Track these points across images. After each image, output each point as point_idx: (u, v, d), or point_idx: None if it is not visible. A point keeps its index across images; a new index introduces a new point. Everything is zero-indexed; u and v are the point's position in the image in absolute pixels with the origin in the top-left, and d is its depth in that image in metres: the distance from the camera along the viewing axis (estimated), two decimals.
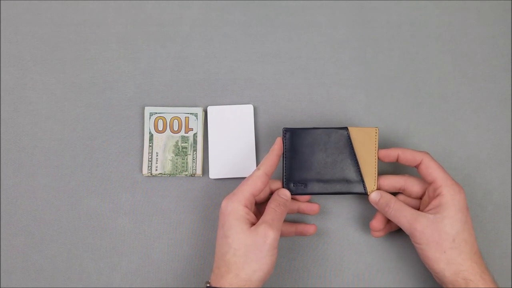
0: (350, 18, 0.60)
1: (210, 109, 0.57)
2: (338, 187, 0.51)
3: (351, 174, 0.51)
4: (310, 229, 0.53)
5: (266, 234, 0.45)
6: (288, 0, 0.60)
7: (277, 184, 0.52)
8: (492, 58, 0.59)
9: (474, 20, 0.60)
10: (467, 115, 0.58)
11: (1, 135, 0.57)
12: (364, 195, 0.51)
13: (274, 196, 0.50)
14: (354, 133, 0.51)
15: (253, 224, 0.47)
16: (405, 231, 0.48)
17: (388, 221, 0.52)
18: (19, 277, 0.54)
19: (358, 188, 0.51)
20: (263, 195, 0.52)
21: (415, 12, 0.60)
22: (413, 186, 0.50)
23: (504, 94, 0.58)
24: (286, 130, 0.51)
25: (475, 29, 0.60)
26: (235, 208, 0.47)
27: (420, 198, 0.51)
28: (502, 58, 0.59)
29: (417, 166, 0.50)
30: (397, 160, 0.50)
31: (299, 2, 0.60)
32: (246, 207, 0.47)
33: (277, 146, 0.50)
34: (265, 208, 0.52)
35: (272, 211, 0.48)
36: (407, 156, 0.50)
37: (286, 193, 0.51)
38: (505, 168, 0.57)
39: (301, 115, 0.58)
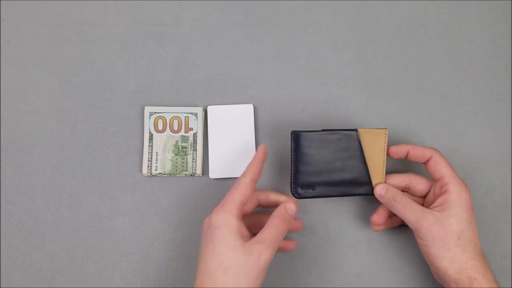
0: (350, 18, 0.60)
1: (210, 109, 0.57)
2: (346, 189, 0.50)
3: (360, 176, 0.50)
4: (289, 245, 0.52)
5: (260, 256, 0.42)
6: (288, 0, 0.60)
7: (265, 194, 0.50)
8: (492, 58, 0.59)
9: (474, 20, 0.60)
10: (467, 115, 0.58)
11: (1, 135, 0.57)
12: (372, 196, 0.51)
13: (281, 210, 0.46)
14: (363, 135, 0.50)
15: (245, 237, 0.44)
16: (410, 226, 0.48)
17: (389, 216, 0.52)
18: (19, 277, 0.54)
19: (366, 190, 0.50)
20: (250, 206, 0.49)
21: (415, 12, 0.60)
22: (418, 184, 0.50)
23: (504, 94, 0.58)
24: (294, 133, 0.50)
25: (475, 29, 0.60)
26: (227, 220, 0.43)
27: (424, 196, 0.51)
28: (502, 58, 0.59)
29: (425, 163, 0.50)
30: (406, 156, 0.50)
31: (299, 2, 0.60)
32: (238, 218, 0.44)
33: (262, 153, 0.47)
34: (250, 218, 0.50)
35: (274, 229, 0.44)
36: (417, 152, 0.50)
37: (293, 208, 0.46)
38: (505, 168, 0.57)
39: (301, 115, 0.58)
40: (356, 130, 0.50)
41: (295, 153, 0.50)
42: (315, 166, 0.50)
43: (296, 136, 0.50)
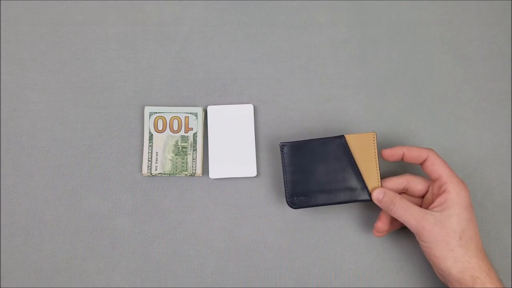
0: (350, 18, 0.60)
1: (210, 108, 0.57)
2: (342, 197, 0.50)
3: (353, 182, 0.50)
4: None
5: None
6: (288, 0, 0.60)
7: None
8: (492, 58, 0.59)
9: (474, 20, 0.60)
10: (467, 115, 0.58)
11: (1, 135, 0.57)
12: (370, 201, 0.50)
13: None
14: (351, 140, 0.50)
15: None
16: (411, 229, 0.48)
17: (392, 221, 0.52)
18: (19, 277, 0.54)
19: (363, 196, 0.50)
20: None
21: (415, 12, 0.60)
22: (416, 185, 0.50)
23: (504, 94, 0.58)
24: (283, 145, 0.51)
25: (475, 29, 0.60)
26: None
27: (422, 196, 0.51)
28: (502, 58, 0.59)
29: (421, 163, 0.50)
30: (402, 158, 0.50)
31: (299, 2, 0.60)
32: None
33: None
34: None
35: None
36: (413, 153, 0.49)
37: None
38: (505, 168, 0.57)
39: (301, 115, 0.58)
40: (342, 136, 0.50)
41: (285, 164, 0.51)
42: (308, 175, 0.50)
43: (284, 147, 0.51)
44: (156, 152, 0.56)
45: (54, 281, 0.54)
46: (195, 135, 0.56)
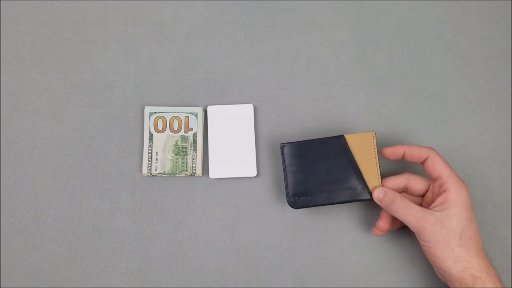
0: (350, 18, 0.60)
1: (210, 108, 0.57)
2: (343, 196, 0.50)
3: (354, 181, 0.50)
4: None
5: None
6: (288, 0, 0.60)
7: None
8: (492, 58, 0.59)
9: (474, 20, 0.60)
10: (467, 115, 0.58)
11: (1, 135, 0.57)
12: (370, 201, 0.50)
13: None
14: (351, 140, 0.50)
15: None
16: (411, 228, 0.48)
17: (392, 220, 0.52)
18: (19, 277, 0.54)
19: (363, 195, 0.50)
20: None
21: (415, 12, 0.60)
22: (416, 184, 0.50)
23: (504, 94, 0.58)
24: (284, 145, 0.51)
25: (475, 29, 0.60)
26: None
27: (423, 196, 0.51)
28: (502, 58, 0.59)
29: (422, 163, 0.50)
30: (402, 157, 0.50)
31: (299, 2, 0.60)
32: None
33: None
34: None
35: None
36: (413, 152, 0.49)
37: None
38: (505, 168, 0.57)
39: (301, 114, 0.58)
40: (342, 136, 0.50)
41: (286, 164, 0.51)
42: (308, 175, 0.51)
43: (285, 148, 0.51)
44: (156, 152, 0.56)
45: (54, 281, 0.54)
46: (195, 135, 0.56)
